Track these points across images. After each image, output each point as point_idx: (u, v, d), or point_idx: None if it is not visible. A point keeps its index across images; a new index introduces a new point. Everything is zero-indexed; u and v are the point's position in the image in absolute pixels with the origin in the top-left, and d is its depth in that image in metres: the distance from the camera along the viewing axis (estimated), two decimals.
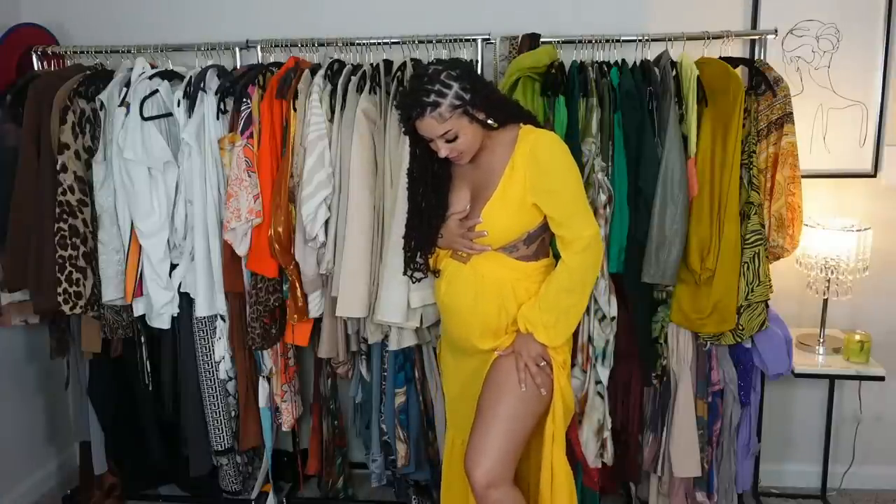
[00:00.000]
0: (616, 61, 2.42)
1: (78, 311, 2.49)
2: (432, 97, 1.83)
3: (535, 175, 1.90)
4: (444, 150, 1.91)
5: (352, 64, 2.53)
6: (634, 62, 2.42)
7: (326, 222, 2.41)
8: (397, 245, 2.24)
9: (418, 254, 2.07)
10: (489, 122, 1.91)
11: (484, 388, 2.01)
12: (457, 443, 2.21)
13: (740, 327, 2.34)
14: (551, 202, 1.92)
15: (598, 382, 2.36)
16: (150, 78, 2.49)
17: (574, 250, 1.93)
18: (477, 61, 2.49)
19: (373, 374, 2.64)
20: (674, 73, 2.32)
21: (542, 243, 2.01)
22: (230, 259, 2.47)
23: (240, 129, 2.40)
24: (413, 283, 2.16)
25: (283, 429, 2.71)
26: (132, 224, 2.46)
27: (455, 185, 2.05)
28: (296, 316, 2.47)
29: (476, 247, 1.97)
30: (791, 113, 2.35)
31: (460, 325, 2.05)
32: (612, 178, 2.30)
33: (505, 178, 1.93)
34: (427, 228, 2.03)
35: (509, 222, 1.94)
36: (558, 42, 2.48)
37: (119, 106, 2.43)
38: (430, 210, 2.02)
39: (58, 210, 2.43)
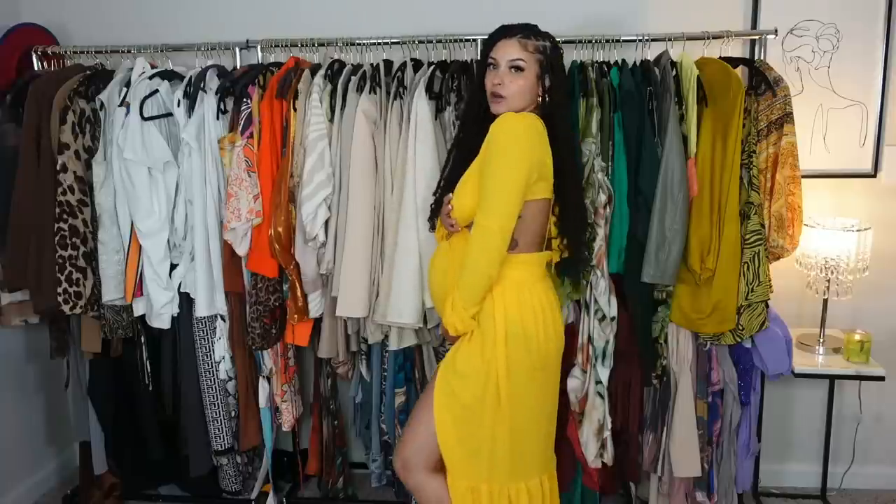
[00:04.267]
0: (616, 61, 2.42)
1: (78, 311, 2.49)
2: (529, 31, 1.97)
3: (483, 150, 1.92)
4: (499, 77, 1.93)
5: (352, 64, 2.53)
6: (634, 62, 2.42)
7: (326, 222, 2.41)
8: (407, 247, 2.26)
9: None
10: (545, 95, 1.97)
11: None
12: None
13: (740, 327, 2.34)
14: (481, 180, 1.89)
15: (598, 382, 2.36)
16: (150, 78, 2.49)
17: (474, 233, 1.90)
18: (477, 61, 2.49)
19: (373, 374, 2.64)
20: (674, 73, 2.32)
21: (520, 233, 1.92)
22: (230, 259, 2.47)
23: (240, 128, 2.40)
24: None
25: (283, 429, 2.71)
26: (132, 224, 2.46)
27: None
28: (296, 316, 2.47)
29: (449, 221, 2.00)
30: (791, 113, 2.35)
31: (435, 301, 2.09)
32: (612, 178, 2.30)
33: (478, 157, 1.95)
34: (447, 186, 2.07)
35: (470, 201, 1.92)
36: (558, 42, 2.48)
37: (119, 106, 2.43)
38: (455, 168, 2.05)
39: (58, 210, 2.43)
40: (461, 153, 2.05)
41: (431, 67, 2.39)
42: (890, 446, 2.90)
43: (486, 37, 2.36)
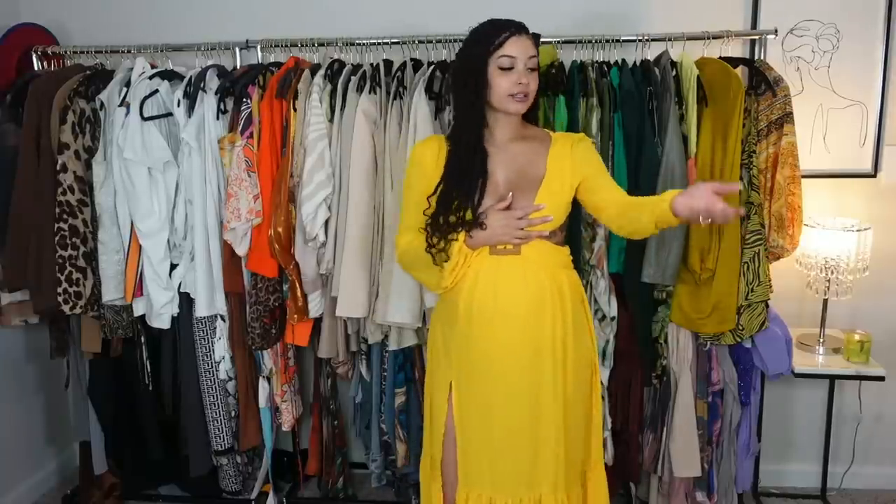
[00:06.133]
0: (616, 61, 2.42)
1: (78, 311, 2.49)
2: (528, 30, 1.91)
3: (585, 156, 1.95)
4: (525, 77, 1.85)
5: (352, 64, 2.53)
6: (634, 62, 2.42)
7: (326, 222, 2.41)
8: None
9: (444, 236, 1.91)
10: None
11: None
12: (472, 498, 1.99)
13: (740, 327, 2.34)
14: (605, 176, 1.98)
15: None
16: (150, 78, 2.49)
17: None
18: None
19: (373, 374, 2.64)
20: (674, 73, 2.32)
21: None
22: (230, 259, 2.47)
23: (240, 128, 2.40)
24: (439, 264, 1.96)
25: (283, 429, 2.71)
26: (132, 224, 2.46)
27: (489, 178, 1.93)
28: (296, 316, 2.47)
29: (533, 233, 1.88)
30: (791, 113, 2.35)
31: (520, 331, 1.90)
32: (613, 177, 2.30)
33: (550, 163, 1.93)
34: (458, 210, 1.89)
35: (564, 202, 1.94)
36: (558, 42, 2.48)
37: (119, 106, 2.43)
38: (466, 190, 1.89)
39: (58, 210, 2.43)
40: (479, 168, 1.91)
41: (431, 67, 2.39)
42: (890, 446, 2.90)
43: None
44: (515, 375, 1.92)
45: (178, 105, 2.46)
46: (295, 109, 2.41)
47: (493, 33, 1.87)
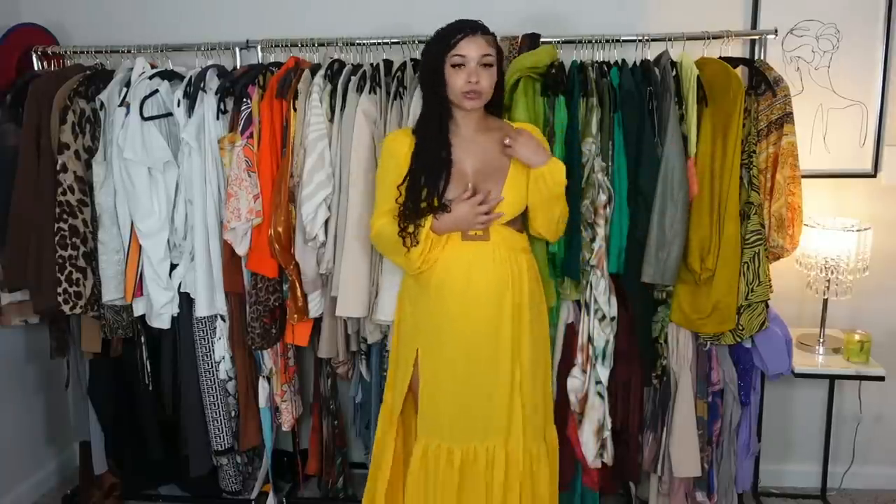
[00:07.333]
0: (616, 61, 2.42)
1: (78, 311, 2.49)
2: (485, 28, 2.07)
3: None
4: (474, 76, 2.01)
5: (352, 64, 2.53)
6: (634, 62, 2.42)
7: (326, 222, 2.41)
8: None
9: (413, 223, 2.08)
10: (495, 90, 2.10)
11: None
12: (431, 448, 2.19)
13: (740, 327, 2.34)
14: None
15: (598, 382, 2.36)
16: (150, 78, 2.49)
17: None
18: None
19: (373, 373, 2.64)
20: (674, 73, 2.32)
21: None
22: (230, 259, 2.47)
23: (240, 128, 2.40)
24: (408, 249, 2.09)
25: (283, 429, 2.71)
26: (132, 224, 2.46)
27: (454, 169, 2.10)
28: (296, 316, 2.47)
29: (492, 217, 2.08)
30: (791, 113, 2.35)
31: (486, 306, 2.09)
32: (612, 178, 2.30)
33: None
34: (423, 201, 2.06)
35: (525, 190, 2.11)
36: (558, 42, 2.48)
37: (119, 106, 2.43)
38: (431, 185, 2.06)
39: (58, 210, 2.43)
40: (445, 161, 2.07)
41: None
42: (890, 446, 2.90)
43: None
44: (480, 338, 2.11)
45: (178, 105, 2.46)
46: (295, 109, 2.41)
47: (450, 34, 2.04)
